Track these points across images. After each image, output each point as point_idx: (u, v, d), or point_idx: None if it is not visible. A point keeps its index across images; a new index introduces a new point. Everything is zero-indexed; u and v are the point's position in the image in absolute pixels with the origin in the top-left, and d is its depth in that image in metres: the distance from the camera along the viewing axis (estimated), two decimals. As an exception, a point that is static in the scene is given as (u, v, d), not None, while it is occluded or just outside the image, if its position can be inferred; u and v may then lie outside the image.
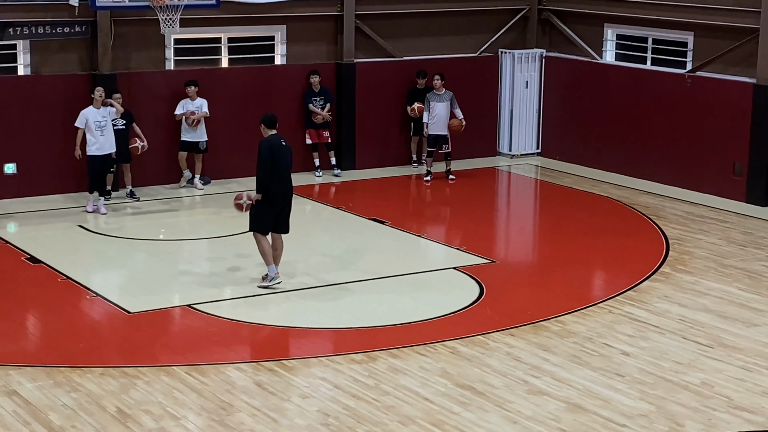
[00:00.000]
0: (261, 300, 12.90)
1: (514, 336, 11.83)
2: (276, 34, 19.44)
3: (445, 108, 18.94)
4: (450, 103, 18.96)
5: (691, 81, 18.69)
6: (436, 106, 18.93)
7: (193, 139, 18.08)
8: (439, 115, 18.93)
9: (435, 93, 19.01)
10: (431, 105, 18.94)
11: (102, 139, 16.39)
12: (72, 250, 14.89)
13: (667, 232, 16.15)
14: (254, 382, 10.49)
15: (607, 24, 20.46)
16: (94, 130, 16.34)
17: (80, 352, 11.29)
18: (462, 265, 14.40)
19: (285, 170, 12.97)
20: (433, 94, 19.02)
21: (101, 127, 16.37)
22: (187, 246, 15.38)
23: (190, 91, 17.98)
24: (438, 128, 18.97)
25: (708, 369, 11.00)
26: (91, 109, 16.42)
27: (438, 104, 18.93)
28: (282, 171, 12.92)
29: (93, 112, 16.40)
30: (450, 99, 18.96)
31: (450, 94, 19.00)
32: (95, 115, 16.37)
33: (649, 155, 19.32)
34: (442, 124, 18.96)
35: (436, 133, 18.99)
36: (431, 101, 18.95)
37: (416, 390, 10.35)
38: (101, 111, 16.42)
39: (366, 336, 11.89)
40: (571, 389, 10.42)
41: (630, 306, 12.88)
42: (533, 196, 19.27)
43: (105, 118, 16.43)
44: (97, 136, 16.36)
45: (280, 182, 12.94)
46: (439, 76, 19.03)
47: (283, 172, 12.94)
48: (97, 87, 16.60)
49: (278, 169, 12.88)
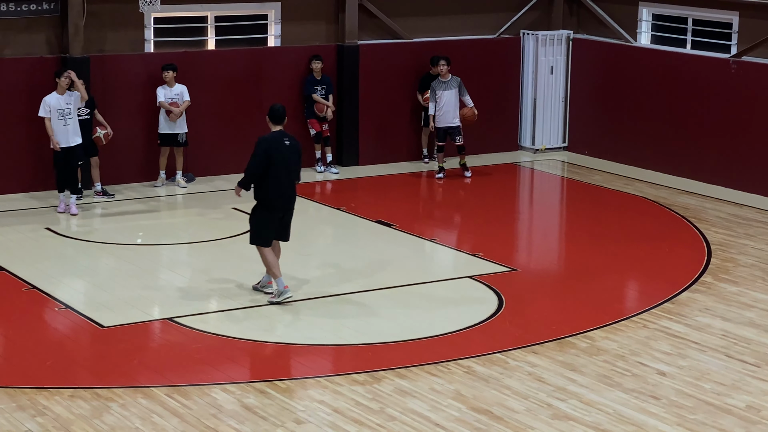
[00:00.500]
0: (250, 313, 12.91)
1: (536, 354, 11.83)
2: (269, 12, 19.47)
3: (454, 96, 18.95)
4: (458, 90, 18.95)
5: (736, 66, 18.69)
6: (444, 94, 18.92)
7: (173, 131, 18.09)
8: (447, 105, 18.94)
9: (440, 80, 19.00)
10: (438, 94, 18.92)
11: (66, 129, 16.40)
12: (38, 255, 14.91)
13: (708, 237, 16.15)
14: (243, 406, 10.50)
15: (642, 2, 20.46)
16: (56, 120, 16.35)
17: (47, 371, 11.30)
18: (478, 274, 14.41)
19: (284, 173, 12.88)
20: (438, 82, 19.00)
21: (65, 116, 16.38)
22: (168, 251, 15.40)
23: (167, 76, 17.98)
24: (448, 119, 18.98)
25: (754, 391, 10.99)
26: (54, 96, 16.43)
27: (445, 92, 18.93)
28: (279, 174, 12.86)
29: (56, 99, 16.41)
30: (458, 85, 18.96)
31: (458, 80, 19.00)
32: (59, 102, 16.38)
33: (688, 150, 19.32)
34: (453, 114, 18.98)
35: (447, 124, 19.00)
36: (437, 90, 18.93)
37: (426, 415, 10.35)
38: (65, 97, 16.42)
39: (370, 354, 11.89)
40: (601, 414, 10.43)
41: (667, 320, 12.87)
42: (559, 196, 19.28)
43: (69, 105, 16.43)
44: (60, 126, 16.37)
45: (276, 186, 12.90)
46: (444, 60, 19.02)
47: (281, 176, 12.87)
48: (67, 71, 16.57)
49: (275, 171, 12.83)
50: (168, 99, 17.97)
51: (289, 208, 13.13)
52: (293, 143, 13.04)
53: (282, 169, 12.87)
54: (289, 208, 13.12)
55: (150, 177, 18.41)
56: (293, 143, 13.04)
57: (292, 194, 13.08)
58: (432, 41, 20.32)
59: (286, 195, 13.01)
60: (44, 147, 17.42)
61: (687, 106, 19.36)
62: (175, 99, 18.00)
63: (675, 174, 19.46)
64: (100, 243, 15.48)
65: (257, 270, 13.75)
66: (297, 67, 19.30)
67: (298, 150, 13.12)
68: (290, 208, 13.14)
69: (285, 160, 12.89)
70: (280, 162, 12.84)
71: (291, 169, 13.00)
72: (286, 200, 13.04)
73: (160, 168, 18.30)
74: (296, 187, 13.23)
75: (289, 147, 12.95)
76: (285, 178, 12.93)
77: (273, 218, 13.02)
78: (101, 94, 17.71)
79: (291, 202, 13.12)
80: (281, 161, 12.86)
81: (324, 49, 19.47)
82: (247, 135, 18.97)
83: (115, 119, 17.59)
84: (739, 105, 18.62)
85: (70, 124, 16.43)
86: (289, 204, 13.11)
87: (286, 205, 13.06)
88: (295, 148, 13.03)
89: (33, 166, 17.68)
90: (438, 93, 18.93)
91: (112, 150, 17.56)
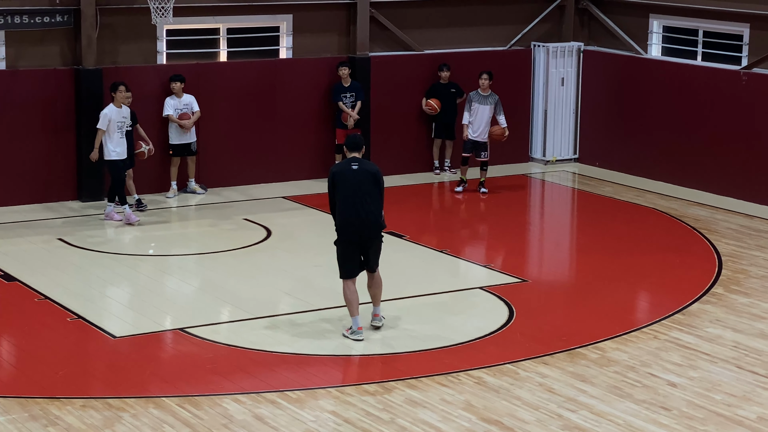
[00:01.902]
0: (262, 324, 12.91)
1: (547, 365, 11.81)
2: (281, 24, 19.49)
3: (489, 112, 18.86)
4: (494, 107, 18.86)
5: (747, 78, 18.66)
6: (479, 108, 18.83)
7: (185, 141, 18.14)
8: (480, 119, 18.84)
9: (480, 93, 18.88)
10: (473, 106, 18.83)
11: (122, 141, 16.62)
12: (51, 266, 14.92)
13: (720, 248, 16.11)
14: (254, 416, 10.49)
15: (653, 14, 20.45)
16: (115, 132, 16.53)
17: (59, 381, 11.30)
18: (489, 285, 14.39)
19: (350, 198, 12.12)
20: (477, 95, 18.89)
21: (121, 129, 16.61)
22: (180, 262, 15.41)
23: (175, 87, 18.04)
24: (478, 134, 18.88)
25: (765, 402, 10.96)
26: (113, 109, 16.61)
27: (482, 107, 18.82)
28: (346, 199, 12.15)
29: (115, 112, 16.60)
30: (495, 103, 18.84)
31: (496, 97, 18.83)
32: (117, 115, 16.59)
33: (700, 162, 19.29)
34: (484, 129, 18.89)
35: (475, 138, 18.92)
36: (474, 102, 18.83)
37: (437, 425, 10.33)
38: (122, 111, 16.65)
39: (380, 364, 11.88)
40: (611, 425, 10.40)
41: (678, 331, 12.84)
42: (569, 208, 19.25)
43: (126, 118, 16.69)
44: (118, 139, 16.57)
45: (344, 212, 12.18)
46: (487, 75, 18.87)
47: (347, 201, 12.14)
48: (122, 84, 16.71)
49: (342, 198, 12.19)
50: (177, 110, 18.01)
51: (367, 236, 12.27)
52: (362, 168, 12.26)
53: (349, 196, 12.17)
54: (365, 236, 12.26)
55: (162, 189, 18.41)
56: (362, 168, 12.26)
57: (363, 221, 12.20)
58: (443, 53, 20.33)
59: (354, 222, 12.17)
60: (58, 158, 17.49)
61: (698, 117, 19.33)
62: (185, 109, 18.04)
63: (686, 185, 19.43)
64: (113, 254, 15.49)
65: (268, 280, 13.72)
66: (309, 78, 19.31)
67: (372, 174, 12.25)
68: (367, 235, 12.27)
69: (348, 186, 12.18)
70: (345, 189, 12.20)
71: (363, 196, 12.19)
72: (357, 227, 12.20)
73: (172, 179, 18.32)
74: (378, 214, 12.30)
75: (356, 171, 12.23)
76: (350, 203, 12.17)
77: (349, 248, 12.29)
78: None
79: (366, 229, 12.23)
80: (346, 187, 12.20)
81: (335, 60, 19.47)
82: (259, 147, 19.03)
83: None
84: (750, 117, 18.59)
85: (125, 138, 16.65)
86: (365, 231, 12.23)
87: (360, 233, 12.22)
88: (363, 173, 12.21)
89: (47, 176, 17.72)
90: (474, 105, 18.83)
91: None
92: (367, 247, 12.36)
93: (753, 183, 18.54)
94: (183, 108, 18.04)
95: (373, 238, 12.35)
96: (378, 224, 12.33)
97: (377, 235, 12.38)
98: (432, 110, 19.58)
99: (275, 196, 18.55)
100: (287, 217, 17.40)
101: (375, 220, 12.29)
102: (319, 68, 19.37)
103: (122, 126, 16.58)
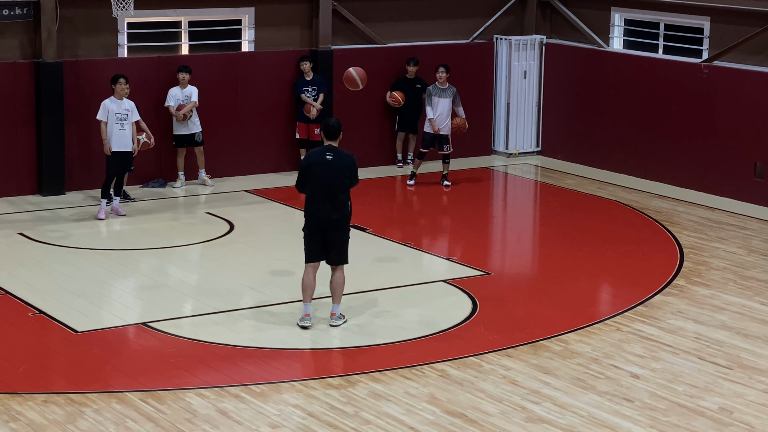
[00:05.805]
0: (225, 318, 12.87)
1: (510, 357, 11.83)
2: (243, 17, 19.43)
3: (449, 104, 18.88)
4: (453, 100, 18.89)
5: (707, 71, 18.75)
6: (440, 102, 18.85)
7: (189, 131, 18.16)
8: (442, 113, 18.87)
9: (438, 87, 18.93)
10: (434, 100, 18.86)
11: (122, 133, 16.55)
12: (11, 261, 14.82)
13: (681, 240, 16.19)
14: (218, 410, 10.46)
15: (614, 8, 20.52)
16: (114, 123, 16.51)
17: (20, 377, 11.23)
18: (453, 278, 14.41)
19: (319, 190, 12.17)
20: (435, 88, 18.92)
21: (121, 120, 16.55)
22: (142, 256, 15.34)
23: (181, 77, 18.05)
24: (440, 127, 18.88)
25: (727, 393, 11.02)
26: (113, 100, 16.59)
27: (442, 100, 18.85)
28: (314, 190, 12.20)
29: (116, 104, 16.58)
30: (453, 95, 18.89)
31: (453, 89, 18.90)
32: (117, 107, 16.56)
33: (661, 154, 19.37)
34: (444, 122, 18.90)
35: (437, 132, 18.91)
36: (433, 96, 18.87)
37: (401, 418, 10.33)
38: (123, 103, 16.62)
39: (344, 358, 11.88)
40: (575, 416, 10.43)
41: (640, 323, 12.90)
42: (532, 200, 19.29)
43: (127, 110, 16.64)
44: (117, 130, 16.52)
45: (312, 203, 12.24)
46: (444, 68, 18.94)
47: (316, 192, 12.19)
48: (122, 77, 16.67)
49: (311, 187, 12.22)
50: (179, 100, 18.03)
51: (327, 227, 12.26)
52: (336, 158, 12.21)
53: (318, 190, 12.19)
54: (325, 227, 12.26)
55: (140, 180, 18.27)
56: (336, 158, 12.21)
57: (328, 213, 12.21)
58: (406, 46, 20.32)
59: (320, 214, 12.20)
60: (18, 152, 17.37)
61: (659, 110, 19.41)
62: (185, 101, 18.03)
63: (647, 178, 19.51)
64: (74, 248, 15.40)
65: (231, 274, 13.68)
66: (271, 72, 19.26)
67: (347, 168, 12.24)
68: (328, 227, 12.26)
69: (317, 176, 12.19)
70: (315, 177, 12.20)
71: (331, 186, 12.18)
72: (321, 220, 12.23)
73: (179, 169, 18.43)
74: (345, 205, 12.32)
75: (330, 162, 12.17)
76: (319, 194, 12.18)
77: (311, 236, 12.34)
78: (75, 99, 17.64)
79: (327, 221, 12.23)
80: (315, 176, 12.20)
81: (297, 54, 19.42)
82: (221, 140, 18.96)
83: (90, 124, 17.48)
84: (711, 109, 18.68)
85: (126, 129, 16.57)
86: (326, 223, 12.23)
87: (321, 224, 12.25)
88: (336, 164, 12.17)
89: (7, 171, 17.59)
90: (434, 99, 18.84)
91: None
92: (330, 241, 12.38)
93: (714, 175, 18.64)
94: (183, 99, 18.04)
95: (338, 239, 12.38)
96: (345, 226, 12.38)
97: (343, 237, 12.40)
98: (396, 102, 19.58)
99: (238, 189, 18.50)
100: (250, 211, 17.35)
101: (342, 217, 12.30)
102: (281, 61, 19.32)
103: (122, 119, 16.55)
